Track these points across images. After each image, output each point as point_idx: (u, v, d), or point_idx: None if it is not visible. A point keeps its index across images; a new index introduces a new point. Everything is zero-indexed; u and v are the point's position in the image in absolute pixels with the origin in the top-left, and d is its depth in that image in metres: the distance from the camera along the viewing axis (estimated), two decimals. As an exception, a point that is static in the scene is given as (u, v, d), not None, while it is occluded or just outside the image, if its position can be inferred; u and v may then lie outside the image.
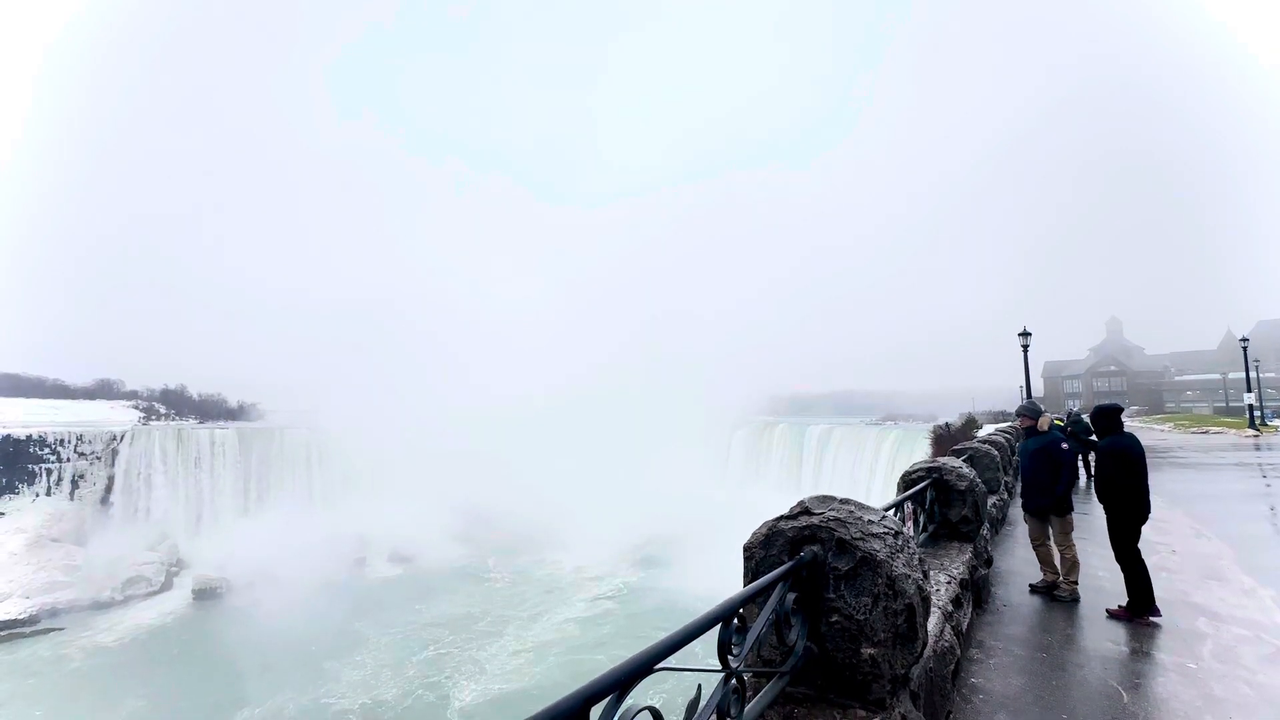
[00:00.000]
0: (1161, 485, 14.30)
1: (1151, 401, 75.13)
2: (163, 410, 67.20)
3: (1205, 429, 35.68)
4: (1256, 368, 41.80)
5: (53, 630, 38.20)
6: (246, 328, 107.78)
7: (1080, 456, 14.69)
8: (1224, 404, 66.08)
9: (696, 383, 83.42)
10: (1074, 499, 7.00)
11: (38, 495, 48.12)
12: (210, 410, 69.44)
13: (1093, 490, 7.13)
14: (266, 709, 27.69)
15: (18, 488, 47.70)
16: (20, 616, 38.62)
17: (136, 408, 65.65)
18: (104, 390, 69.37)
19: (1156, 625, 5.41)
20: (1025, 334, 25.62)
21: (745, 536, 2.80)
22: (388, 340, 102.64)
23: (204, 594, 43.45)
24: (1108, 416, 6.23)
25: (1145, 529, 9.47)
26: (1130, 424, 51.01)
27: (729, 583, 2.40)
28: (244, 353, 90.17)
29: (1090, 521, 9.09)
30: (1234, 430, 34.16)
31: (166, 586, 44.71)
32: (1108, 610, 5.76)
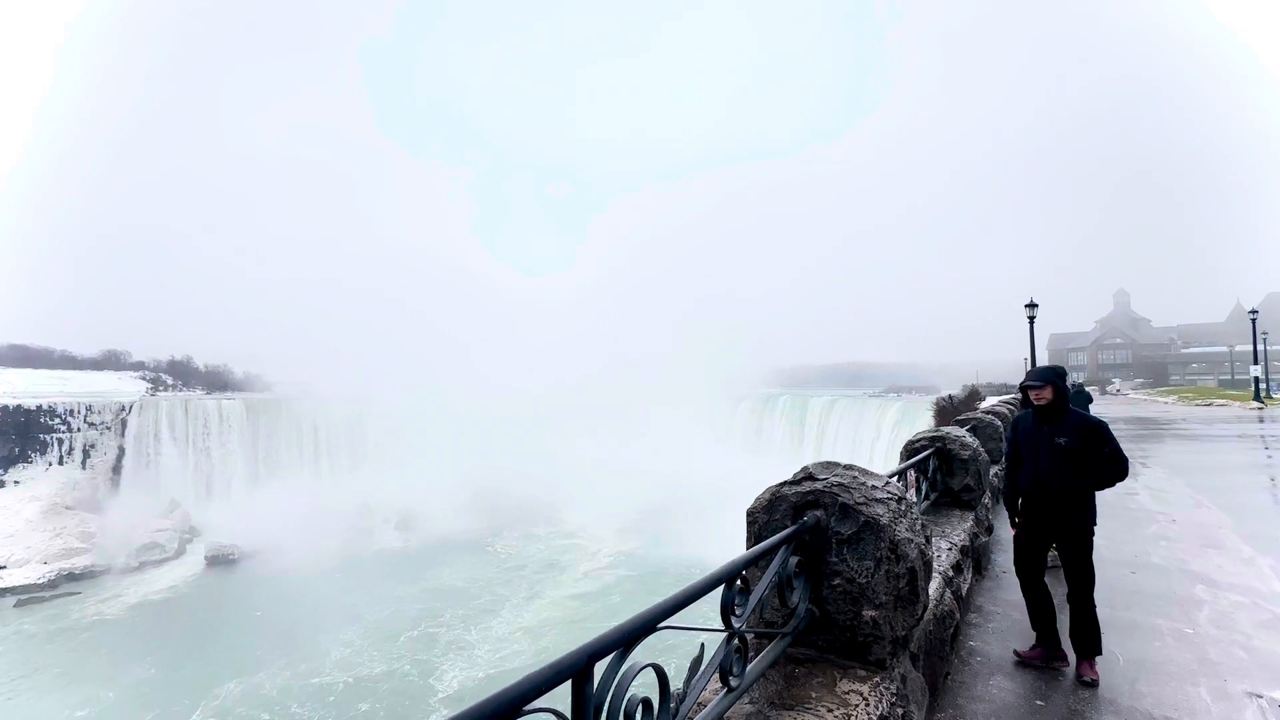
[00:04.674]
0: (1163, 456, 14.32)
1: (1157, 374, 74.80)
2: (169, 381, 67.69)
3: (1209, 401, 35.58)
4: (1264, 340, 41.41)
5: (70, 595, 39.23)
6: (254, 303, 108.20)
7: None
8: (1229, 377, 65.78)
9: (701, 357, 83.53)
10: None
11: (50, 464, 48.93)
12: (216, 381, 69.83)
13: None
14: (251, 683, 27.86)
15: (30, 457, 48.50)
16: (39, 581, 39.69)
17: (144, 379, 66.13)
18: (111, 361, 69.77)
19: (1143, 602, 5.42)
20: (1032, 305, 25.40)
21: (746, 505, 2.81)
22: (403, 323, 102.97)
23: (216, 560, 44.46)
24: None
25: (1146, 498, 9.61)
26: (1133, 396, 50.99)
27: (729, 551, 2.41)
28: (250, 326, 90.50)
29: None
30: (1238, 403, 34.04)
31: (180, 553, 45.72)
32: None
